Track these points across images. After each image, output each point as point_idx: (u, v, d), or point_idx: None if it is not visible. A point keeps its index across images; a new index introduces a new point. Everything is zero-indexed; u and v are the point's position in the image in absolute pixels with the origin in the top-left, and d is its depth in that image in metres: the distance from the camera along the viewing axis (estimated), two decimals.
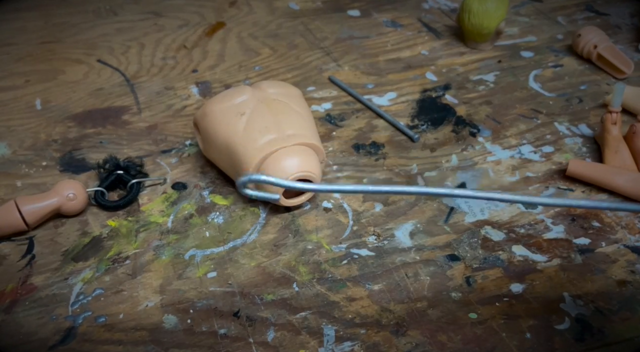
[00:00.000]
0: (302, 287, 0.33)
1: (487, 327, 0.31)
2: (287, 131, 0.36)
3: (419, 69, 0.52)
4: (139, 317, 0.32)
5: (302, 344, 0.30)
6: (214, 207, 0.38)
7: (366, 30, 0.58)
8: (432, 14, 0.61)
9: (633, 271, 0.34)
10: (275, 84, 0.40)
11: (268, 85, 0.39)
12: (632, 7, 0.61)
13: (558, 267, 0.34)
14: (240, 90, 0.39)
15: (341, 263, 0.35)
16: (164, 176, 0.41)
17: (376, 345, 0.30)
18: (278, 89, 0.39)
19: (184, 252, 0.35)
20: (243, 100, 0.38)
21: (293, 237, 0.36)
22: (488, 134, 0.44)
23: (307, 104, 0.41)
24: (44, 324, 0.31)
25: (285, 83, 0.41)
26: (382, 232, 0.36)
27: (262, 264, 0.35)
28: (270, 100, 0.38)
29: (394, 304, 0.32)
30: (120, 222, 0.37)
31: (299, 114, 0.38)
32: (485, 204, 0.38)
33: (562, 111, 0.47)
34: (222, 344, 0.30)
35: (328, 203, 0.39)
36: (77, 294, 0.33)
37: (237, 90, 0.39)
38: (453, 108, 0.47)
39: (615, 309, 0.32)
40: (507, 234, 0.36)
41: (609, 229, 0.36)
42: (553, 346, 0.30)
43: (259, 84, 0.40)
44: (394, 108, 0.47)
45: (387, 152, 0.43)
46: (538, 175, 0.41)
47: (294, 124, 0.37)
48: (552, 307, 0.32)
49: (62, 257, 0.35)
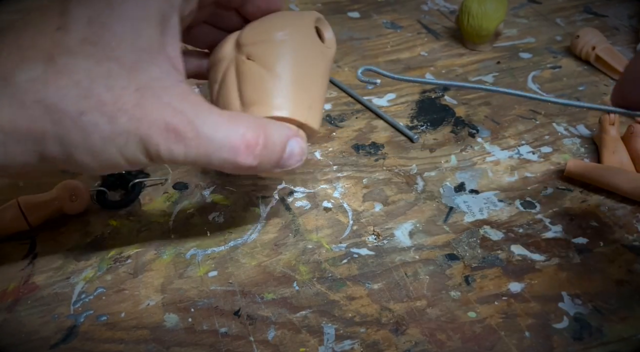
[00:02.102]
0: (302, 286, 0.33)
1: (486, 326, 0.31)
2: (248, 105, 0.28)
3: (419, 70, 0.52)
4: (140, 316, 0.32)
5: (302, 342, 0.30)
6: (215, 206, 0.39)
7: (366, 31, 0.58)
8: (431, 15, 0.61)
9: (631, 271, 0.34)
10: (261, 29, 0.30)
11: (249, 34, 0.30)
12: (631, 8, 0.61)
13: (556, 266, 0.34)
14: (222, 44, 0.31)
15: (341, 262, 0.35)
16: (165, 175, 0.41)
17: (376, 344, 0.30)
18: (261, 36, 0.29)
19: (185, 252, 0.35)
20: (220, 58, 0.30)
21: (293, 236, 0.36)
22: (487, 134, 0.45)
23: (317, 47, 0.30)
24: (46, 322, 0.31)
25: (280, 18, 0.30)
26: (382, 232, 0.37)
27: (262, 264, 0.35)
28: (240, 61, 0.29)
29: (393, 303, 0.32)
30: (121, 222, 0.37)
31: (270, 77, 0.28)
32: (484, 204, 0.39)
33: (561, 112, 0.47)
34: (223, 343, 0.30)
35: (328, 203, 0.39)
36: (78, 293, 0.33)
37: (220, 45, 0.31)
38: (452, 109, 0.47)
39: (614, 308, 0.32)
40: (505, 233, 0.37)
41: (607, 228, 0.37)
42: (552, 345, 0.30)
43: (242, 32, 0.30)
44: (393, 109, 0.48)
45: (386, 153, 0.43)
46: (537, 175, 0.41)
47: (259, 92, 0.28)
48: (551, 306, 0.32)
49: (63, 257, 0.35)
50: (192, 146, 0.24)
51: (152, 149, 0.24)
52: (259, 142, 0.26)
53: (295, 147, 0.28)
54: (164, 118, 0.24)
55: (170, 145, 0.24)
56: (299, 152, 0.28)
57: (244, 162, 0.25)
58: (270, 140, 0.26)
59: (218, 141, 0.25)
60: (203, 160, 0.25)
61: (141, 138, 0.24)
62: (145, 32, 0.24)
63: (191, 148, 0.24)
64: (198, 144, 0.24)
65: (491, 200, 0.39)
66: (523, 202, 0.39)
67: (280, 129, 0.27)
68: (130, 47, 0.24)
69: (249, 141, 0.25)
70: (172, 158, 0.24)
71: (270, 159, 0.27)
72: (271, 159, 0.27)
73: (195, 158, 0.25)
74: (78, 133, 0.23)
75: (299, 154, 0.28)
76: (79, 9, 0.24)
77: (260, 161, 0.26)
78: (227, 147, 0.25)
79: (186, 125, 0.24)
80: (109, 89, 0.23)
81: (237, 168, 0.26)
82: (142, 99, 0.23)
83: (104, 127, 0.23)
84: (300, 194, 0.39)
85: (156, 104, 0.24)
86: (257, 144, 0.26)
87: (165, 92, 0.24)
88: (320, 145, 0.44)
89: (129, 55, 0.24)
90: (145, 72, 0.24)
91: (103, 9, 0.24)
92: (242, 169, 0.26)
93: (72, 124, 0.23)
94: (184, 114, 0.24)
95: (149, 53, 0.24)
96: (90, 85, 0.23)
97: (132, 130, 0.23)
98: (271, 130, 0.26)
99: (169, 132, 0.24)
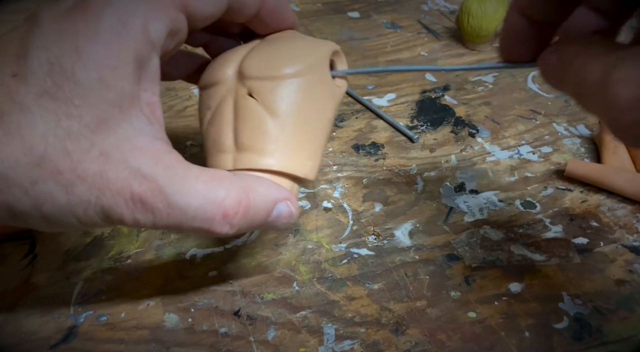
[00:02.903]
0: (302, 286, 0.33)
1: (486, 326, 0.31)
2: (242, 150, 0.26)
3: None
4: (140, 316, 0.32)
5: (302, 342, 0.30)
6: None
7: (366, 31, 0.58)
8: (431, 15, 0.61)
9: (631, 271, 0.34)
10: (269, 60, 0.26)
11: (255, 64, 0.26)
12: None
13: (557, 266, 0.34)
14: (222, 65, 0.27)
15: (341, 262, 0.35)
16: None
17: (376, 344, 0.30)
18: (268, 70, 0.26)
19: (185, 252, 0.35)
20: (217, 81, 0.27)
21: (293, 236, 0.36)
22: (487, 134, 0.45)
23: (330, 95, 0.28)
24: (46, 323, 0.31)
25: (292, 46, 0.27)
26: (382, 232, 0.37)
27: (262, 264, 0.35)
28: (240, 96, 0.26)
29: (393, 303, 0.32)
30: None
31: (272, 122, 0.25)
32: (484, 204, 0.39)
33: (561, 112, 0.47)
34: (223, 343, 0.30)
35: (328, 203, 0.39)
36: (78, 293, 0.33)
37: (220, 64, 0.28)
38: (452, 109, 0.47)
39: (614, 308, 0.32)
40: (505, 233, 0.36)
41: (607, 228, 0.37)
42: (552, 345, 0.30)
43: (247, 59, 0.27)
44: (393, 109, 0.48)
45: (386, 153, 0.43)
46: (537, 175, 0.41)
47: (257, 138, 0.26)
48: (551, 306, 0.32)
49: (63, 257, 0.35)
50: (162, 216, 0.22)
51: (115, 218, 0.22)
52: (238, 211, 0.23)
53: (284, 211, 0.25)
54: (130, 187, 0.21)
55: (136, 215, 0.22)
56: (287, 215, 0.25)
57: (219, 231, 0.23)
58: (254, 206, 0.24)
59: (192, 211, 0.22)
60: (173, 229, 0.23)
61: (103, 208, 0.21)
62: (116, 82, 0.21)
63: (161, 218, 0.22)
64: (169, 214, 0.22)
65: (491, 200, 0.39)
66: (523, 202, 0.39)
67: (268, 192, 0.24)
68: (97, 102, 0.21)
69: (226, 211, 0.23)
70: (137, 226, 0.22)
71: (251, 225, 0.24)
72: (252, 224, 0.24)
73: (164, 226, 0.23)
74: (29, 203, 0.21)
75: (287, 217, 0.25)
76: (41, 52, 0.20)
77: (239, 228, 0.24)
78: (201, 218, 0.22)
79: (156, 196, 0.21)
80: (67, 154, 0.20)
81: (210, 235, 0.24)
82: (106, 165, 0.21)
83: (59, 197, 0.21)
84: (300, 194, 0.39)
85: (122, 170, 0.21)
86: (236, 214, 0.23)
87: (134, 155, 0.21)
88: None
89: (94, 112, 0.20)
90: (112, 132, 0.21)
91: (68, 53, 0.20)
92: (216, 235, 0.24)
93: (23, 194, 0.20)
94: (154, 181, 0.21)
95: (120, 108, 0.21)
96: (45, 150, 0.20)
97: (92, 200, 0.21)
98: (256, 195, 0.24)
99: (135, 202, 0.21)
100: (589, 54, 0.21)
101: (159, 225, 0.22)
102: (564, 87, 0.23)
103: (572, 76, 0.22)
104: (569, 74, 0.22)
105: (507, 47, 0.26)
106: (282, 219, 0.25)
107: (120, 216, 0.22)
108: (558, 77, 0.23)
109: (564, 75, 0.23)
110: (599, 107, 0.21)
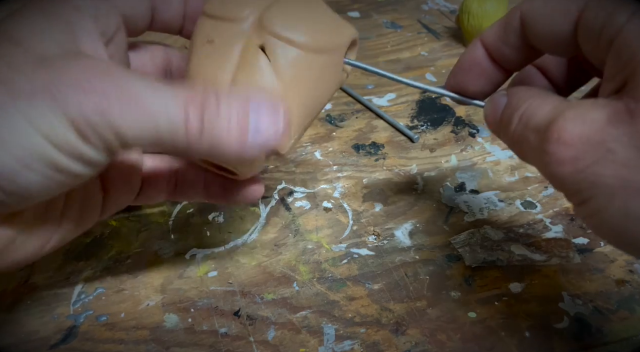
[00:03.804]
0: (302, 286, 0.33)
1: (486, 326, 0.31)
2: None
3: (419, 69, 0.52)
4: (140, 316, 0.32)
5: (302, 342, 0.30)
6: (215, 207, 0.38)
7: (366, 31, 0.58)
8: (431, 15, 0.61)
9: (631, 271, 0.34)
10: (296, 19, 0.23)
11: (279, 16, 0.23)
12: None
13: (557, 266, 0.34)
14: (242, 4, 0.24)
15: (341, 263, 0.35)
16: None
17: (376, 344, 0.30)
18: (292, 32, 0.23)
19: (185, 252, 0.35)
20: (230, 15, 0.24)
21: (293, 236, 0.36)
22: (487, 134, 0.45)
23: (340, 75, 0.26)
24: (46, 323, 0.31)
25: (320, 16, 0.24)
26: (382, 232, 0.37)
27: (262, 264, 0.35)
28: (251, 45, 0.23)
29: (393, 303, 0.32)
30: (121, 222, 0.37)
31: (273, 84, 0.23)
32: (484, 204, 0.39)
33: None
34: (223, 343, 0.30)
35: (328, 203, 0.39)
36: (78, 293, 0.33)
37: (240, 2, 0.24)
38: (452, 109, 0.47)
39: (614, 308, 0.32)
40: (506, 233, 0.36)
41: None
42: (552, 345, 0.30)
43: (273, 6, 0.24)
44: (393, 109, 0.47)
45: (386, 153, 0.43)
46: (537, 175, 0.41)
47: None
48: (551, 306, 0.32)
49: (63, 257, 0.35)
50: (130, 112, 0.19)
51: (82, 125, 0.19)
52: (206, 100, 0.20)
53: (262, 118, 0.20)
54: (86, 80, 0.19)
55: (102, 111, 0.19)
56: (269, 123, 0.21)
57: (191, 123, 0.20)
58: (225, 102, 0.20)
59: (161, 101, 0.19)
60: (150, 132, 0.19)
61: (65, 114, 0.18)
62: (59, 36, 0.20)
63: (130, 114, 0.19)
64: (136, 106, 0.19)
65: (491, 200, 0.39)
66: (523, 202, 0.39)
67: (239, 93, 0.21)
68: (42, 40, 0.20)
69: (192, 97, 0.20)
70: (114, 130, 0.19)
71: (227, 131, 0.20)
72: (230, 133, 0.20)
73: (140, 130, 0.19)
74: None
75: (269, 125, 0.21)
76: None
77: (212, 130, 0.20)
78: (173, 105, 0.19)
79: (116, 90, 0.19)
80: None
81: (186, 139, 0.20)
82: (56, 76, 0.19)
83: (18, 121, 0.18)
84: (300, 194, 0.39)
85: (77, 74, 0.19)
86: (202, 102, 0.20)
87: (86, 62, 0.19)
88: (320, 145, 0.44)
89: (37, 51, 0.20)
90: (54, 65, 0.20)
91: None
92: (192, 138, 0.20)
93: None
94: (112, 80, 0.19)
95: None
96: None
97: (56, 109, 0.18)
98: (224, 93, 0.20)
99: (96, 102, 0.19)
100: (541, 98, 0.22)
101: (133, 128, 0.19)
102: (506, 132, 0.24)
103: (518, 119, 0.23)
104: (515, 117, 0.23)
105: (459, 75, 0.26)
106: (262, 130, 0.20)
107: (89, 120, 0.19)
108: (504, 121, 0.24)
109: (510, 118, 0.23)
110: (539, 154, 0.21)
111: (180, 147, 0.20)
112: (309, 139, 0.44)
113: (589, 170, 0.19)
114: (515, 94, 0.24)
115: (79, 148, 0.19)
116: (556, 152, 0.20)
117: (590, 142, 0.19)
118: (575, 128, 0.20)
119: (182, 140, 0.20)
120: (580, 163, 0.20)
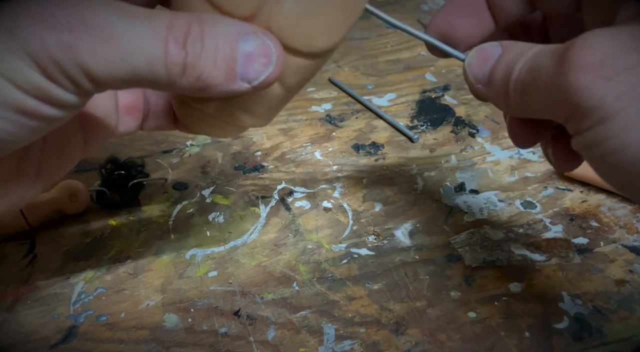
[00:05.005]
0: (302, 286, 0.33)
1: (486, 326, 0.31)
2: None
3: (419, 69, 0.52)
4: (140, 316, 0.32)
5: (302, 342, 0.30)
6: (215, 207, 0.39)
7: (366, 31, 0.58)
8: (431, 15, 0.61)
9: (631, 271, 0.34)
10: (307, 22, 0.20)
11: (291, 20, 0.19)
12: None
13: (557, 266, 0.34)
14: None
15: (341, 263, 0.35)
16: (165, 175, 0.41)
17: (376, 344, 0.30)
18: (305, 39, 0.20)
19: (185, 252, 0.35)
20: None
21: (293, 236, 0.36)
22: (487, 134, 0.45)
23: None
24: (46, 323, 0.31)
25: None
26: (382, 232, 0.37)
27: (262, 264, 0.35)
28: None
29: (393, 303, 0.32)
30: (121, 222, 0.37)
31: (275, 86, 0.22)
32: (484, 204, 0.39)
33: None
34: (223, 343, 0.30)
35: (328, 203, 0.39)
36: (78, 293, 0.33)
37: None
38: (452, 109, 0.47)
39: (614, 308, 0.32)
40: (505, 233, 0.36)
41: (607, 228, 0.37)
42: (552, 345, 0.30)
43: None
44: (393, 109, 0.48)
45: (386, 153, 0.43)
46: (537, 175, 0.41)
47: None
48: (551, 306, 0.32)
49: (63, 257, 0.35)
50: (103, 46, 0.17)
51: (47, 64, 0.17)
52: (188, 32, 0.18)
53: (255, 46, 0.18)
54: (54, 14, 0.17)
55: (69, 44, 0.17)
56: (262, 53, 0.19)
57: (172, 58, 0.18)
58: (210, 36, 0.18)
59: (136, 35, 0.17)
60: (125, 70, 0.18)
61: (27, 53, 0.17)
62: None
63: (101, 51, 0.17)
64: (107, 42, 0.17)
65: (491, 200, 0.39)
66: (523, 202, 0.39)
67: (228, 25, 0.19)
68: None
69: (172, 24, 0.18)
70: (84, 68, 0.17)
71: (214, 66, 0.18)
72: (217, 63, 0.18)
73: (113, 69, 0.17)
74: None
75: (262, 55, 0.19)
76: None
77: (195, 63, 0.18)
78: (150, 37, 0.17)
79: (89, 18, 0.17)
80: None
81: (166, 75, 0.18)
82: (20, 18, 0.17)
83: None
84: (300, 194, 0.39)
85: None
86: (185, 33, 0.18)
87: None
88: (320, 145, 0.44)
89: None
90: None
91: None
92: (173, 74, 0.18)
93: None
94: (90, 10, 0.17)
95: None
96: None
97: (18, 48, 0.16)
98: (211, 27, 0.18)
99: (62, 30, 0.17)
100: (541, 47, 0.20)
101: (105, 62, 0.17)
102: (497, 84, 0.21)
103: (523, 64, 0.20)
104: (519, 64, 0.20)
105: (450, 13, 0.25)
106: (254, 60, 0.19)
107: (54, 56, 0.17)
108: (498, 71, 0.21)
109: (507, 68, 0.21)
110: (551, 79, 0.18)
111: (160, 84, 0.18)
112: (309, 139, 0.44)
113: (618, 78, 0.16)
114: (515, 44, 0.21)
115: (46, 89, 0.17)
116: (578, 56, 0.17)
117: (623, 47, 0.16)
118: (604, 33, 0.17)
119: (162, 76, 0.18)
120: (607, 70, 0.16)
